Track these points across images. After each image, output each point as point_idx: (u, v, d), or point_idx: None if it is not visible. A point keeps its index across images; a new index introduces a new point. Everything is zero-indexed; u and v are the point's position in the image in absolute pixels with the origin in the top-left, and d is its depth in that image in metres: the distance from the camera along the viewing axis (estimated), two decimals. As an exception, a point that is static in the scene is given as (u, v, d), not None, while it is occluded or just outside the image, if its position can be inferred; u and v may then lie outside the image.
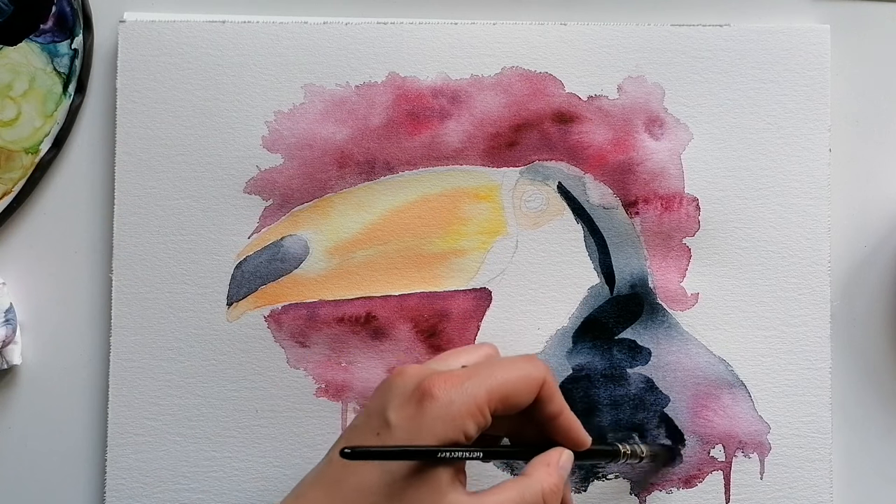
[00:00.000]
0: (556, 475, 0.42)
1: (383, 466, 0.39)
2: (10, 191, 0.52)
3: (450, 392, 0.39)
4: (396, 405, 0.40)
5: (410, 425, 0.39)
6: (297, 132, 0.51)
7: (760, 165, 0.51)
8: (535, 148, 0.51)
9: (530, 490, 0.41)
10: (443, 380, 0.40)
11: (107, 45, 0.52)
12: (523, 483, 0.41)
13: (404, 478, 0.39)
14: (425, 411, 0.39)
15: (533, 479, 0.41)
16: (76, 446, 0.51)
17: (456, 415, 0.39)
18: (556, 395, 0.43)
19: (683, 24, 0.52)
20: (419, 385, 0.40)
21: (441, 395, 0.39)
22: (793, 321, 0.51)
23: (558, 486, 0.41)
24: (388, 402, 0.40)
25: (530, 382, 0.41)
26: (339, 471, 0.39)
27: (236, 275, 0.51)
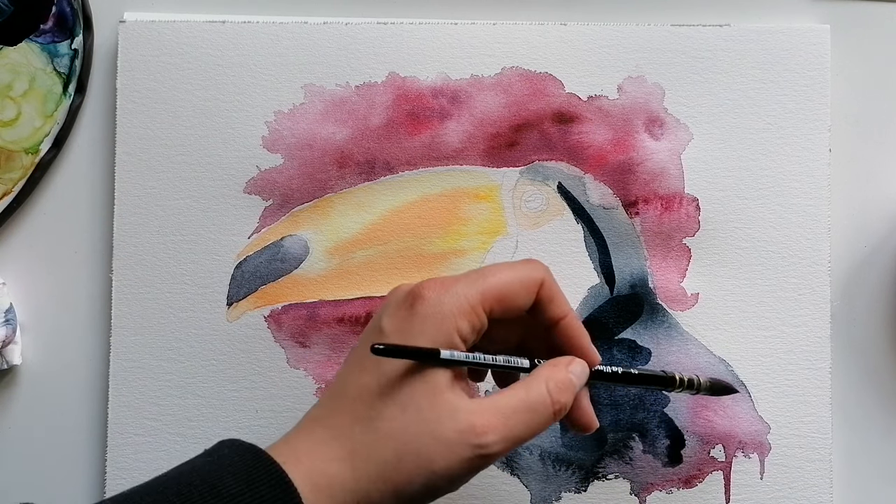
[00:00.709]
0: (563, 372, 0.40)
1: (378, 369, 0.38)
2: (10, 191, 0.52)
3: (440, 292, 0.38)
4: (390, 313, 0.39)
5: (402, 328, 0.38)
6: (297, 132, 0.51)
7: (760, 165, 0.51)
8: (535, 148, 0.51)
9: (534, 387, 0.39)
10: (434, 283, 0.39)
11: (107, 45, 0.52)
12: (527, 383, 0.39)
13: (399, 377, 0.38)
14: (416, 313, 0.38)
15: (538, 377, 0.39)
16: (76, 446, 0.51)
17: (447, 313, 0.38)
18: (557, 296, 0.41)
19: (683, 24, 0.52)
20: (410, 291, 0.39)
21: (431, 295, 0.38)
22: (793, 321, 0.51)
23: (565, 383, 0.39)
24: (382, 314, 0.40)
25: (528, 282, 0.40)
26: (338, 388, 0.39)
27: (236, 275, 0.51)
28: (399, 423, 0.37)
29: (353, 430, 0.38)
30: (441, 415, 0.37)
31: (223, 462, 0.37)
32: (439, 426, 0.37)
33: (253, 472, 0.36)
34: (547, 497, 0.50)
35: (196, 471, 0.37)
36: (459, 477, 0.38)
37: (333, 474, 0.37)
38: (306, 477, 0.37)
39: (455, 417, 0.37)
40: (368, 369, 0.38)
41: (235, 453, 0.37)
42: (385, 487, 0.37)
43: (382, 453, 0.37)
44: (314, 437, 0.38)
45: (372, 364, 0.38)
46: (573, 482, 0.50)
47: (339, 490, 0.37)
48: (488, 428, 0.37)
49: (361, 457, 0.37)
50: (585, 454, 0.50)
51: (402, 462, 0.37)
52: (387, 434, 0.37)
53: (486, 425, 0.37)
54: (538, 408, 0.39)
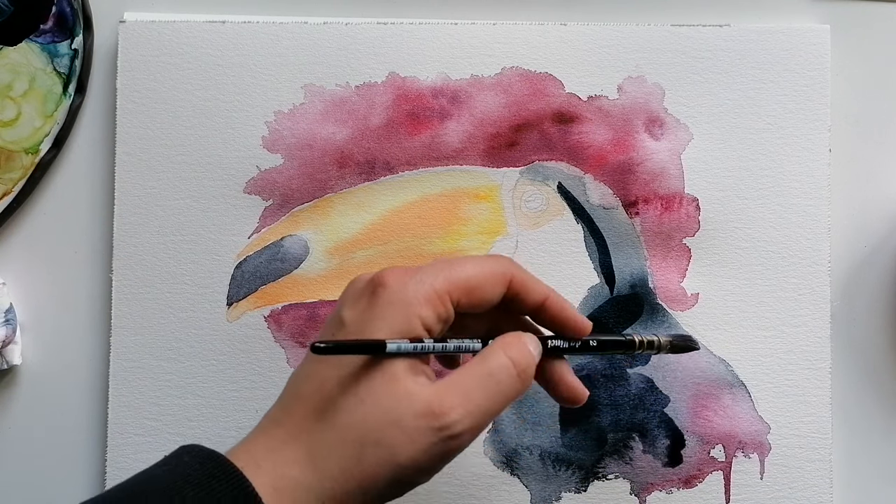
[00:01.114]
0: (518, 340, 0.38)
1: (337, 364, 0.36)
2: (10, 191, 0.52)
3: (404, 279, 0.37)
4: (349, 304, 0.38)
5: (363, 318, 0.37)
6: (297, 132, 0.51)
7: (760, 165, 0.51)
8: (535, 148, 0.51)
9: (493, 357, 0.37)
10: (396, 270, 0.37)
11: (107, 45, 0.52)
12: (483, 355, 0.38)
13: (358, 370, 0.36)
14: (377, 300, 0.37)
15: (493, 348, 0.38)
16: (76, 446, 0.51)
17: (411, 299, 0.36)
18: (531, 284, 0.39)
19: (683, 24, 0.52)
20: (371, 279, 0.38)
21: (393, 282, 0.37)
22: (793, 321, 0.51)
23: (522, 349, 0.38)
24: (342, 305, 0.38)
25: (495, 275, 0.38)
26: (295, 385, 0.38)
27: (236, 275, 0.51)
28: (358, 414, 0.35)
29: (311, 427, 0.36)
30: (399, 402, 0.35)
31: (182, 471, 0.35)
32: (398, 414, 0.35)
33: (213, 481, 0.35)
34: (547, 497, 0.50)
35: (153, 480, 0.35)
36: (428, 466, 0.36)
37: (294, 477, 0.35)
38: (267, 482, 0.35)
39: (412, 402, 0.35)
40: (326, 363, 0.37)
41: (196, 460, 0.36)
42: (349, 485, 0.35)
43: (343, 449, 0.35)
44: (272, 439, 0.36)
45: (330, 358, 0.37)
46: (573, 482, 0.50)
47: (302, 492, 0.35)
48: (448, 407, 0.36)
49: (321, 455, 0.35)
50: (585, 454, 0.50)
51: (363, 456, 0.35)
52: (345, 427, 0.35)
53: (445, 405, 0.36)
54: (500, 375, 0.37)
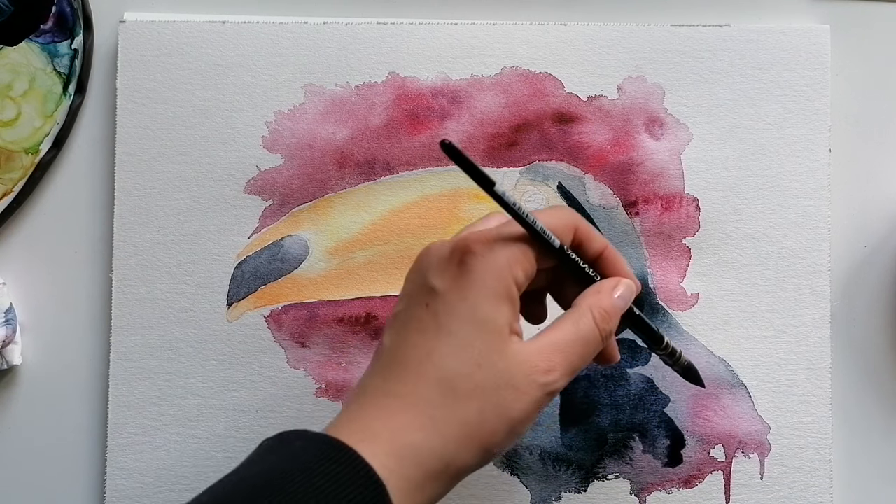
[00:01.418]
0: (606, 298, 0.41)
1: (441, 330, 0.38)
2: (10, 191, 0.52)
3: (489, 245, 0.38)
4: (437, 273, 0.38)
5: (458, 285, 0.38)
6: (297, 132, 0.51)
7: (760, 165, 0.51)
8: (535, 148, 0.51)
9: (583, 317, 0.40)
10: (478, 236, 0.39)
11: (107, 45, 0.52)
12: (574, 312, 0.40)
13: (466, 334, 0.38)
14: (469, 268, 0.38)
15: (582, 306, 0.40)
16: (76, 446, 0.51)
17: (503, 264, 0.38)
18: (593, 233, 0.42)
19: (683, 24, 0.52)
20: (454, 248, 0.39)
21: (481, 249, 0.38)
22: (793, 321, 0.51)
23: (609, 310, 0.40)
24: (426, 274, 0.39)
25: (566, 225, 0.40)
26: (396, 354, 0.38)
27: (236, 275, 0.51)
28: (476, 379, 0.37)
29: (429, 395, 0.37)
30: (511, 364, 0.38)
31: (302, 458, 0.36)
32: (510, 375, 0.37)
33: (338, 466, 0.35)
34: (547, 497, 0.50)
35: (278, 471, 0.35)
36: (533, 416, 0.38)
37: (417, 443, 0.36)
38: (389, 450, 0.36)
39: (522, 364, 0.38)
40: (431, 331, 0.38)
41: (313, 446, 0.36)
42: (471, 445, 0.37)
43: (465, 413, 0.37)
44: (387, 409, 0.37)
45: (434, 326, 0.38)
46: (573, 482, 0.50)
47: (427, 457, 0.36)
48: (551, 366, 0.38)
49: (444, 420, 0.37)
50: (585, 454, 0.50)
51: (484, 418, 0.37)
52: (466, 393, 0.37)
53: (549, 364, 0.38)
54: (589, 338, 0.39)
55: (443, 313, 0.38)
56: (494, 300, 0.38)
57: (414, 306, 0.39)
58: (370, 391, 0.38)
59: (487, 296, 0.38)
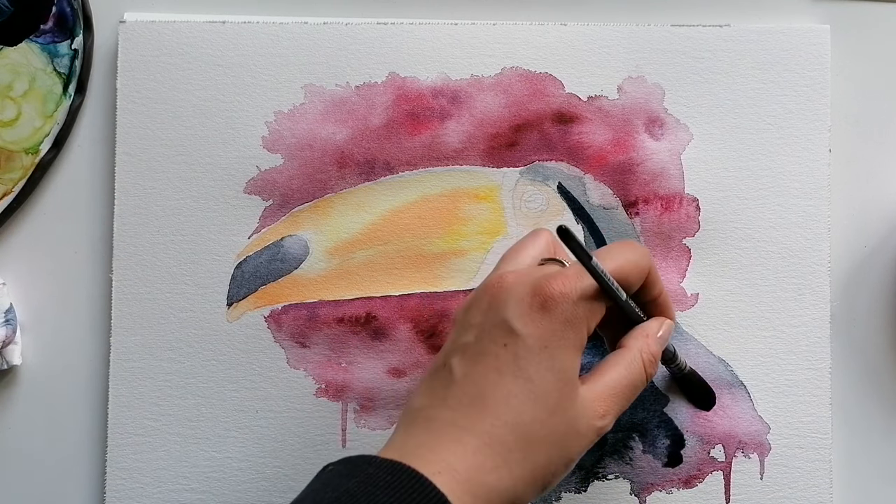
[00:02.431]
0: (654, 344, 0.43)
1: (520, 373, 0.39)
2: (10, 191, 0.52)
3: (570, 294, 0.39)
4: (517, 315, 0.39)
5: (540, 333, 0.39)
6: (297, 132, 0.51)
7: (760, 165, 0.51)
8: (535, 148, 0.51)
9: (634, 362, 0.42)
10: (559, 282, 0.40)
11: (107, 46, 0.52)
12: (626, 355, 0.42)
13: (540, 378, 0.39)
14: (553, 318, 0.39)
15: (633, 349, 0.42)
16: (76, 446, 0.51)
17: (582, 317, 0.40)
18: (658, 278, 0.44)
19: (683, 24, 0.52)
20: (535, 291, 0.39)
21: (562, 298, 0.39)
22: (793, 321, 0.51)
23: (656, 355, 0.43)
24: (505, 312, 0.40)
25: (641, 268, 0.42)
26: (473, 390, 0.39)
27: (236, 275, 0.51)
28: (548, 427, 0.39)
29: (506, 438, 0.38)
30: (577, 411, 0.39)
31: (377, 483, 0.36)
32: (577, 422, 0.39)
33: (414, 494, 0.36)
34: (547, 497, 0.50)
35: (353, 495, 0.36)
36: (582, 454, 0.41)
37: (492, 484, 0.38)
38: (466, 488, 0.37)
39: (586, 409, 0.40)
40: (509, 374, 0.39)
41: (387, 473, 0.37)
42: (536, 484, 0.39)
43: (535, 458, 0.39)
44: (464, 446, 0.38)
45: (513, 369, 0.39)
46: (573, 482, 0.50)
47: (497, 497, 0.38)
48: (607, 411, 0.41)
49: (517, 463, 0.38)
50: (585, 454, 0.50)
51: (550, 461, 0.39)
52: (539, 439, 0.38)
53: (605, 409, 0.40)
54: (637, 382, 0.42)
55: (523, 358, 0.39)
56: (571, 350, 0.39)
57: (489, 342, 0.39)
58: (441, 421, 0.39)
59: (566, 347, 0.39)
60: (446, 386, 0.40)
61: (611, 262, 0.41)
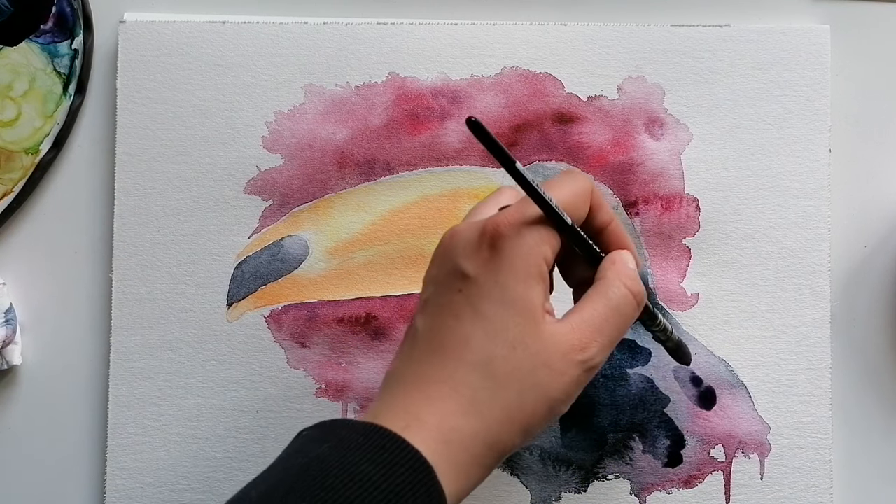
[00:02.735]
0: (627, 266, 0.41)
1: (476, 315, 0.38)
2: (10, 191, 0.52)
3: (517, 226, 0.38)
4: (467, 257, 0.39)
5: (490, 268, 0.38)
6: (297, 132, 0.51)
7: (760, 165, 0.51)
8: (535, 148, 0.51)
9: (611, 287, 0.40)
10: (506, 218, 0.39)
11: (107, 46, 0.52)
12: (601, 285, 0.40)
13: (500, 319, 0.38)
14: (501, 252, 0.38)
15: (608, 277, 0.40)
16: (76, 446, 0.51)
17: (532, 244, 0.38)
18: (603, 203, 0.42)
19: (683, 24, 0.52)
20: (482, 231, 0.39)
21: (509, 232, 0.38)
22: (793, 321, 0.51)
23: (634, 277, 0.41)
24: (456, 259, 0.39)
25: (584, 193, 0.40)
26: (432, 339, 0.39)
27: (236, 275, 0.51)
28: (513, 362, 0.38)
29: (470, 380, 0.37)
30: (546, 344, 0.38)
31: (350, 445, 0.36)
32: (547, 356, 0.38)
33: (385, 453, 0.36)
34: (547, 497, 0.50)
35: (327, 458, 0.36)
36: (574, 393, 0.39)
37: (463, 427, 0.37)
38: (436, 435, 0.36)
39: (557, 343, 0.38)
40: (466, 316, 0.38)
41: (358, 435, 0.36)
42: (513, 427, 0.38)
43: (505, 397, 0.37)
44: (431, 395, 0.37)
45: (469, 311, 0.38)
46: (573, 482, 0.50)
47: (472, 441, 0.37)
48: (587, 343, 0.39)
49: (486, 404, 0.37)
50: (585, 454, 0.50)
51: (524, 399, 0.38)
52: (504, 376, 0.37)
53: (584, 340, 0.39)
54: (623, 307, 0.40)
55: (476, 297, 0.38)
56: (526, 281, 0.38)
57: (445, 291, 0.39)
58: (408, 377, 0.39)
59: (519, 277, 0.38)
60: (412, 344, 0.39)
61: (554, 189, 0.40)
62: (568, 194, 0.40)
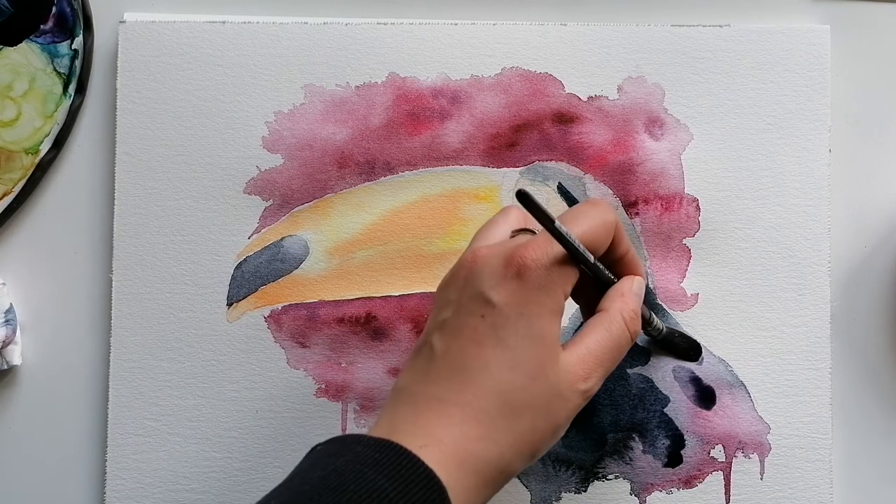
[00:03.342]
0: (632, 301, 0.43)
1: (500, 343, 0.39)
2: (10, 191, 0.52)
3: (542, 259, 0.39)
4: (493, 286, 0.40)
5: (516, 300, 0.39)
6: (297, 132, 0.51)
7: (760, 165, 0.51)
8: (535, 148, 0.51)
9: (614, 322, 0.42)
10: (532, 253, 0.40)
11: (107, 46, 0.52)
12: (605, 318, 0.42)
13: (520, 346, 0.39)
14: (527, 286, 0.39)
15: (612, 311, 0.42)
16: (76, 446, 0.51)
17: (558, 283, 0.40)
18: (624, 235, 0.44)
19: (683, 24, 0.52)
20: (508, 261, 0.40)
21: (534, 264, 0.39)
22: (793, 321, 0.51)
23: (636, 311, 0.43)
24: (481, 285, 0.40)
25: (608, 227, 0.42)
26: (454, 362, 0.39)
27: (236, 275, 0.51)
28: (530, 393, 0.39)
29: (488, 406, 0.38)
30: (559, 376, 0.40)
31: (366, 461, 0.37)
32: (559, 387, 0.40)
33: (402, 470, 0.36)
34: (547, 497, 0.50)
35: (344, 471, 0.36)
36: (572, 419, 0.41)
37: (478, 452, 0.38)
38: (452, 457, 0.37)
39: (567, 373, 0.40)
40: (489, 344, 0.39)
41: (374, 450, 0.37)
42: (523, 452, 0.39)
43: (520, 424, 0.39)
44: (448, 418, 0.38)
45: (492, 339, 0.39)
46: (573, 482, 0.50)
47: (485, 466, 0.38)
48: (589, 373, 0.40)
49: (501, 431, 0.38)
50: (585, 454, 0.50)
51: (535, 427, 0.39)
52: (521, 405, 0.39)
53: (587, 371, 0.40)
54: (620, 341, 0.42)
55: (501, 327, 0.39)
56: (550, 317, 0.39)
57: (467, 315, 0.40)
58: (425, 396, 0.39)
59: (544, 313, 0.39)
60: (428, 362, 0.40)
61: (576, 224, 0.41)
62: (592, 228, 0.41)
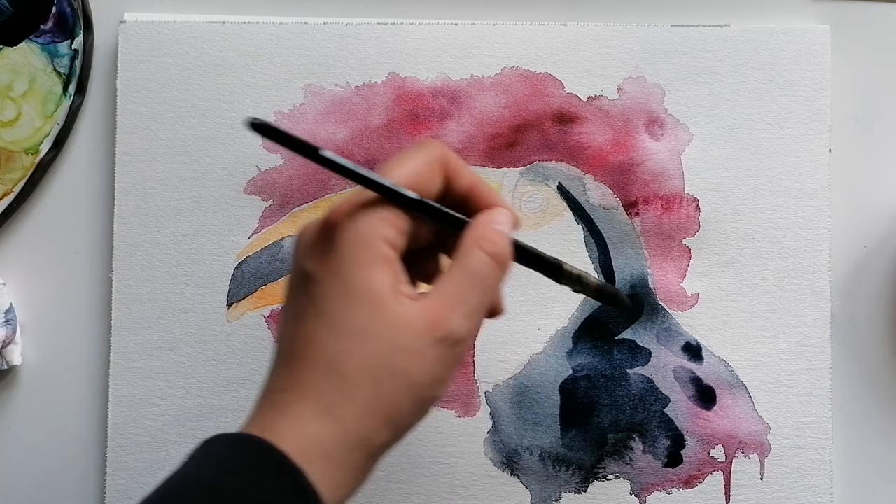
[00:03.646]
0: (485, 228, 0.37)
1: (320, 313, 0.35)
2: (10, 191, 0.52)
3: (352, 213, 0.36)
4: (309, 254, 0.36)
5: (328, 263, 0.35)
6: (298, 132, 0.51)
7: (760, 165, 0.51)
8: (535, 148, 0.51)
9: (467, 253, 0.37)
10: (341, 206, 0.36)
11: (107, 46, 0.52)
12: (460, 255, 0.37)
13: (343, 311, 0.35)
14: (336, 241, 0.35)
15: (467, 245, 0.37)
16: (76, 446, 0.51)
17: (368, 227, 0.35)
18: (462, 168, 0.38)
19: (684, 24, 0.52)
20: (321, 223, 0.36)
21: (343, 219, 0.36)
22: (793, 321, 0.51)
23: (492, 236, 0.37)
24: (300, 260, 0.37)
25: (432, 165, 0.37)
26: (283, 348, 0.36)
27: (236, 275, 0.51)
28: (362, 355, 0.35)
29: (317, 382, 0.35)
30: (397, 328, 0.35)
31: (212, 460, 0.35)
32: (400, 340, 0.35)
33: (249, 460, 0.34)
34: (547, 497, 0.50)
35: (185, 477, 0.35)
36: (443, 375, 0.36)
37: (318, 434, 0.34)
38: (294, 447, 0.34)
39: (409, 324, 0.35)
40: (309, 317, 0.36)
41: (223, 448, 0.35)
42: (374, 421, 0.35)
43: (358, 392, 0.35)
44: (283, 405, 0.35)
45: (311, 311, 0.36)
46: (573, 482, 0.50)
47: (331, 447, 0.34)
48: (445, 316, 0.35)
49: (338, 405, 0.35)
50: (585, 454, 0.50)
51: (381, 391, 0.35)
52: (355, 371, 0.35)
53: (442, 315, 0.35)
54: (482, 271, 0.37)
55: (319, 296, 0.35)
56: (364, 268, 0.35)
57: (294, 296, 0.37)
58: (265, 391, 0.37)
59: (356, 265, 0.35)
60: (273, 357, 0.37)
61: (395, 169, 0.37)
62: (411, 168, 0.37)
